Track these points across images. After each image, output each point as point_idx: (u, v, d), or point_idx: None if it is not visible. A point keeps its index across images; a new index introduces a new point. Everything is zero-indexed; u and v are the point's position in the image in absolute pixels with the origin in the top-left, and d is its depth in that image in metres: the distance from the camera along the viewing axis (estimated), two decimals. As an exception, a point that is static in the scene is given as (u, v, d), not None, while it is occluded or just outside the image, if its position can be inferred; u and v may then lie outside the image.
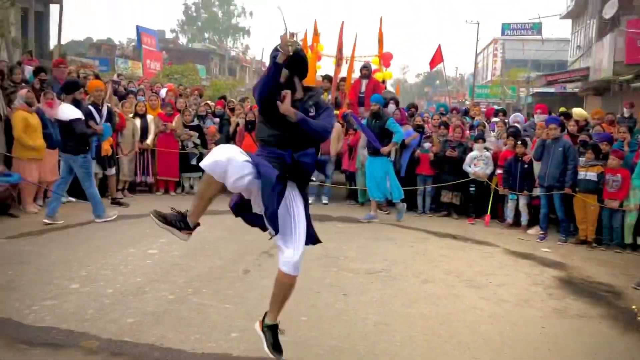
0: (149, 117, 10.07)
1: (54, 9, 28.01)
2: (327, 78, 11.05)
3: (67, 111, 7.46)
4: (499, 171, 8.98)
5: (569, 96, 25.84)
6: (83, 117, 7.59)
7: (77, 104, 7.73)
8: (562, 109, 11.38)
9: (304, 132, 3.40)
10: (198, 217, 3.47)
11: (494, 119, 11.05)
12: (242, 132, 10.10)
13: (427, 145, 9.42)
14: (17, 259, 5.71)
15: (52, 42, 27.37)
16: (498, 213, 9.31)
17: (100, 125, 8.01)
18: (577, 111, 10.37)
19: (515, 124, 10.27)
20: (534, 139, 9.02)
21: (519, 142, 8.70)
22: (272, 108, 3.40)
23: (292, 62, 3.35)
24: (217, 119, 10.81)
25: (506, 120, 10.77)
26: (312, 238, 3.60)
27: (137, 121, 9.81)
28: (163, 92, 12.06)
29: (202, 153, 10.20)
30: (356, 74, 11.15)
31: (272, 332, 3.55)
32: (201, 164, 3.21)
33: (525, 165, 8.59)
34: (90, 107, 8.15)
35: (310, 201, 9.64)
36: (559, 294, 5.59)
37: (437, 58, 13.29)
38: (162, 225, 3.38)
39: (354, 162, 9.81)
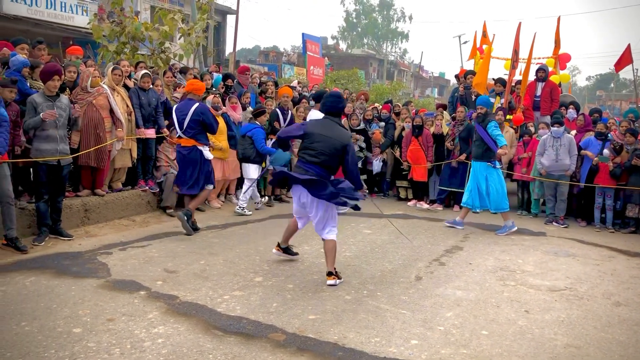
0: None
1: (230, 19, 30.45)
2: (500, 81, 10.55)
3: (316, 116, 8.07)
4: None
5: None
6: None
7: None
8: None
9: None
10: None
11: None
12: (409, 136, 10.00)
13: (606, 152, 8.54)
14: (207, 250, 6.21)
15: (227, 50, 29.75)
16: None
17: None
18: None
19: None
20: None
21: None
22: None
23: None
24: (382, 123, 10.86)
25: None
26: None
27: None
28: (331, 97, 12.39)
29: (367, 157, 10.33)
30: (532, 77, 10.52)
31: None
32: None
33: None
34: (277, 110, 8.75)
35: (478, 211, 9.34)
36: None
37: (625, 59, 12.02)
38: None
39: (530, 170, 9.20)
